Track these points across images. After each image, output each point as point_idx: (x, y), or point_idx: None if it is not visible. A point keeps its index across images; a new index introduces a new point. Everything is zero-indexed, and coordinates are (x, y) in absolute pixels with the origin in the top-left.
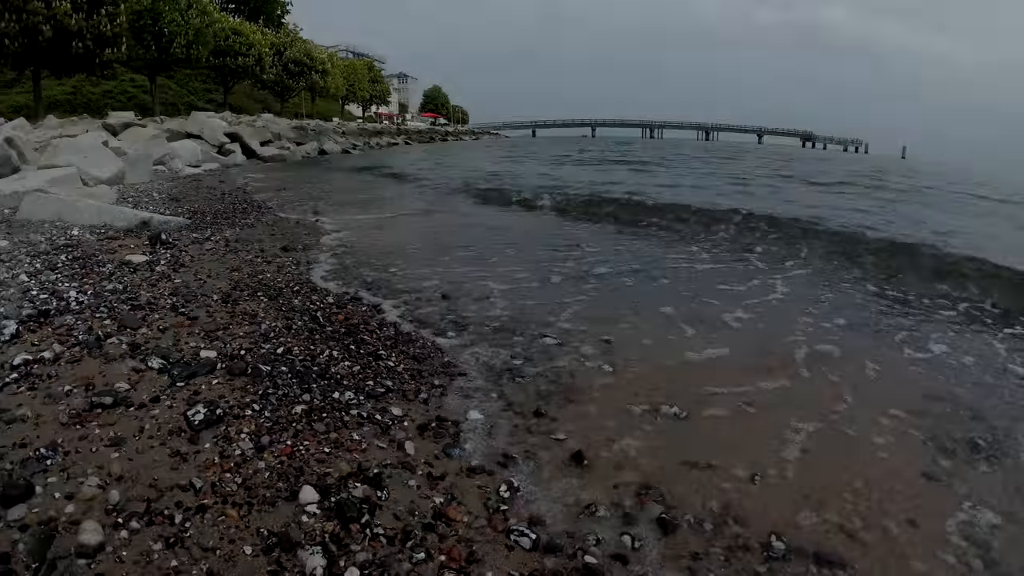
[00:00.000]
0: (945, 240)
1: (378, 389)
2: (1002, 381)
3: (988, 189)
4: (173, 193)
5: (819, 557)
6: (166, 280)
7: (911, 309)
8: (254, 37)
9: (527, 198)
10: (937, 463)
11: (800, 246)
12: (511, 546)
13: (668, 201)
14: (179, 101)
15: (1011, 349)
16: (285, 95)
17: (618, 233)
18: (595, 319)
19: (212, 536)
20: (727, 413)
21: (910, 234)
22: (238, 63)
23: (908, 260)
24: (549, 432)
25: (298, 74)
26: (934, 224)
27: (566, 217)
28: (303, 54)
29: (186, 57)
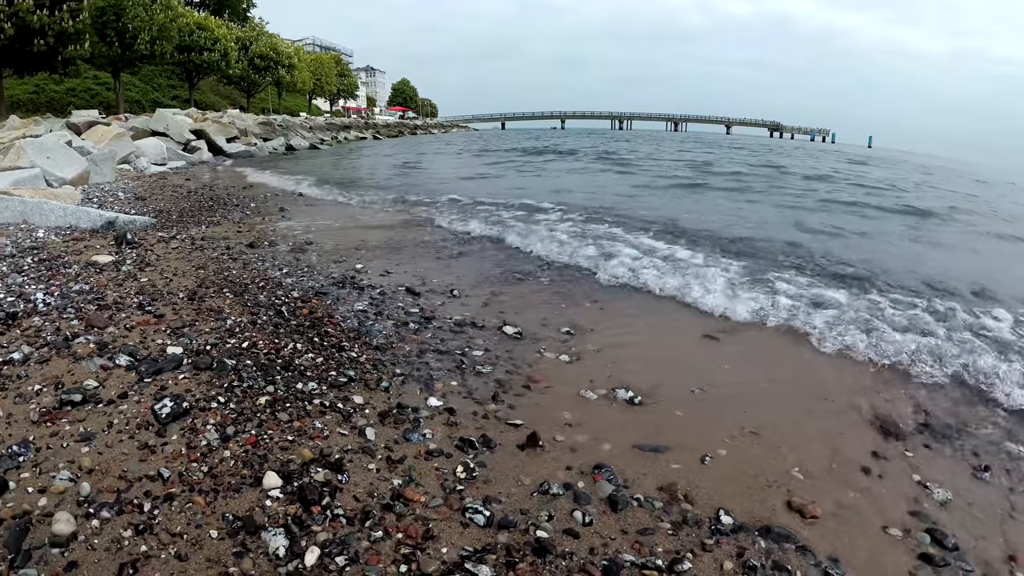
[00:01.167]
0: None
1: (340, 379)
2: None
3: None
4: (139, 192)
5: (767, 530)
6: (132, 279)
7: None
8: (219, 32)
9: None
10: (884, 441)
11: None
12: (466, 523)
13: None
14: (144, 98)
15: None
16: (252, 90)
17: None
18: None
19: (179, 522)
20: (682, 397)
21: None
22: (203, 58)
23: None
24: (506, 418)
25: (264, 69)
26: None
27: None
28: (269, 48)
29: (150, 53)
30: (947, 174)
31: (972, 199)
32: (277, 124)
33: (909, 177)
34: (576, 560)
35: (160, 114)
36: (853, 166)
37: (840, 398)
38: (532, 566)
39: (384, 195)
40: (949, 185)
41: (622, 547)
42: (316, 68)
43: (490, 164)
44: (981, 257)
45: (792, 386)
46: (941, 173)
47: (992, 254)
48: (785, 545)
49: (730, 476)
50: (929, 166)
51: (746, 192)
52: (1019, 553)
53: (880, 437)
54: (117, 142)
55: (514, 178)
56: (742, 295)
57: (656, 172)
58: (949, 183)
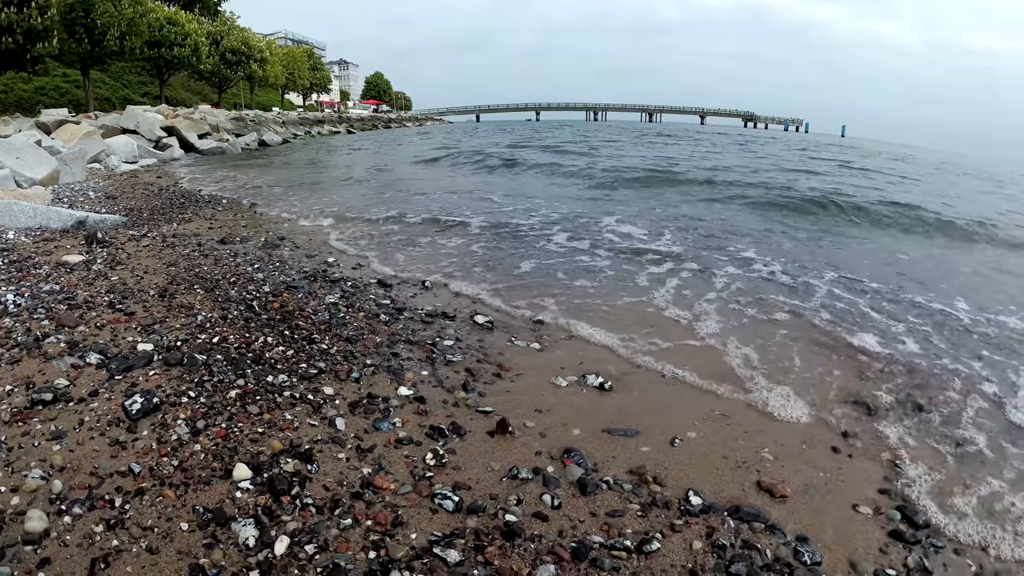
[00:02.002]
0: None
1: (311, 371)
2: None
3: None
4: (109, 191)
5: (736, 510)
6: (103, 278)
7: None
8: (190, 27)
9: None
10: (853, 422)
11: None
12: (435, 509)
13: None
14: (114, 95)
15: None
16: (223, 86)
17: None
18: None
19: (150, 516)
20: (652, 382)
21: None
22: (174, 54)
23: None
24: (476, 405)
25: (236, 64)
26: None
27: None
28: (241, 43)
29: (120, 49)
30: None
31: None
32: (249, 119)
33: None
34: (545, 543)
35: (130, 111)
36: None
37: (810, 379)
38: (501, 549)
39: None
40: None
41: (591, 529)
42: (288, 62)
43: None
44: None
45: (762, 364)
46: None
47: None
48: (754, 524)
49: (700, 458)
50: (903, 155)
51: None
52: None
53: (851, 417)
54: (87, 141)
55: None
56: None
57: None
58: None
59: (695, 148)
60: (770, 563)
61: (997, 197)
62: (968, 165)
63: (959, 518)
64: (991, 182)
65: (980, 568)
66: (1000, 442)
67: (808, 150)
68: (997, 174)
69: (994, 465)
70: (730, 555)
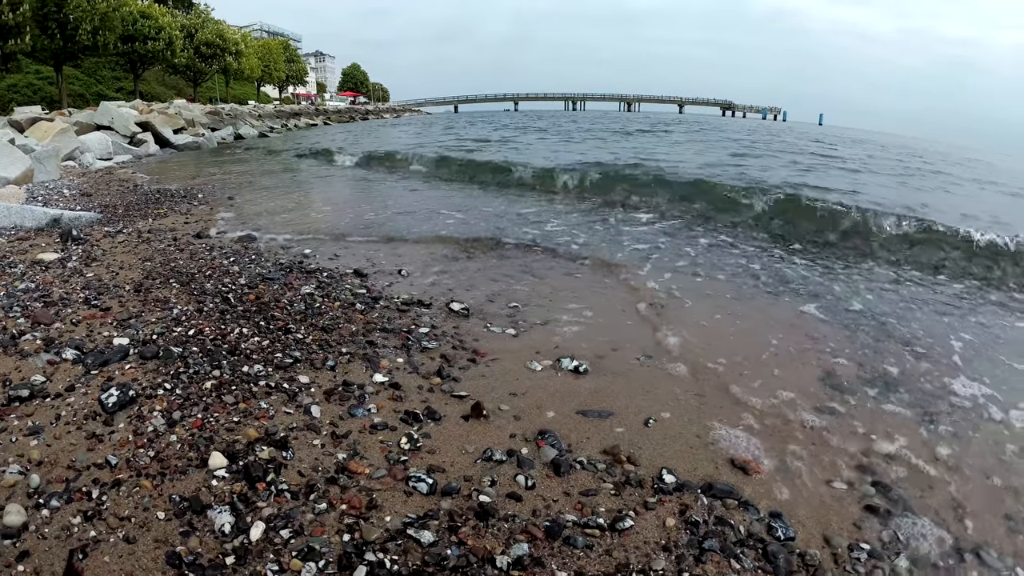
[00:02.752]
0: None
1: (286, 360)
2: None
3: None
4: (84, 188)
5: (710, 487)
6: (78, 275)
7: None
8: (164, 20)
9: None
10: (832, 398)
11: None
12: (409, 492)
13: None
14: (87, 92)
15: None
16: (198, 79)
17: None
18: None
19: (127, 506)
20: (627, 366)
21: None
22: (148, 48)
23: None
24: (451, 390)
25: (211, 57)
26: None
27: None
28: (215, 35)
29: (93, 44)
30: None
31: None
32: (225, 113)
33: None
34: (518, 522)
35: (104, 107)
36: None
37: (787, 357)
38: (474, 529)
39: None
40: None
41: (564, 508)
42: (264, 54)
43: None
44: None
45: (739, 348)
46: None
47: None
48: (728, 501)
49: (674, 437)
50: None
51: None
52: (966, 502)
53: (825, 393)
54: (61, 138)
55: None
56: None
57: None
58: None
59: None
60: (743, 539)
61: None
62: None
63: (934, 492)
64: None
65: (957, 542)
66: (971, 416)
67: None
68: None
69: (966, 439)
70: (703, 531)
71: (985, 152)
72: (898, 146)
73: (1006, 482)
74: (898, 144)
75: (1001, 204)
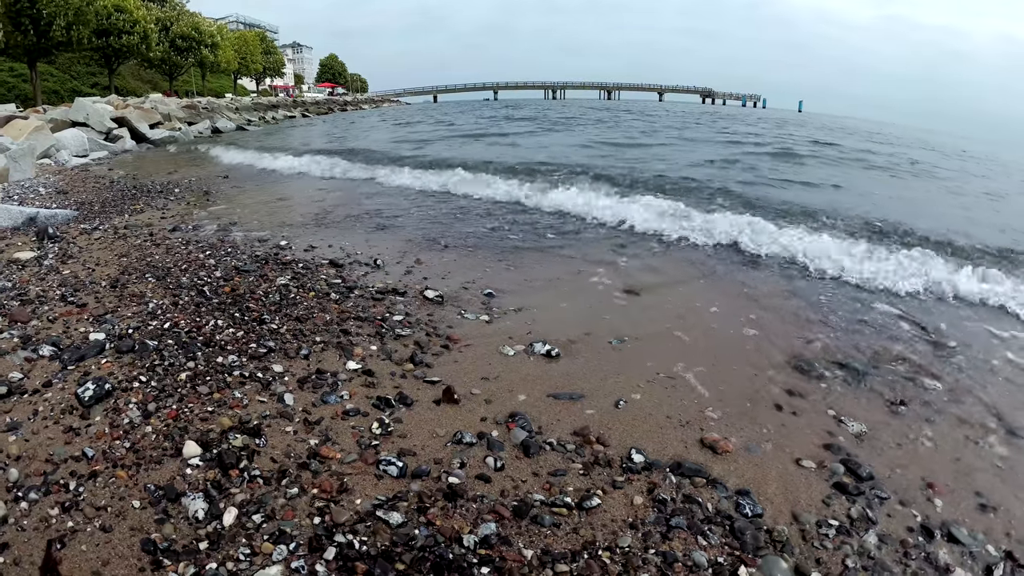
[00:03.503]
0: None
1: (260, 350)
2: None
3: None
4: (60, 186)
5: (678, 466)
6: (55, 273)
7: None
8: (138, 13)
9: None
10: (800, 380)
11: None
12: (380, 475)
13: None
14: (62, 88)
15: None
16: (174, 73)
17: None
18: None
19: (104, 496)
20: (600, 349)
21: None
22: (122, 42)
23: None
24: (424, 376)
25: (186, 50)
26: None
27: None
28: (191, 28)
29: (67, 40)
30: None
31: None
32: (202, 107)
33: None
34: (487, 502)
35: (79, 103)
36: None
37: (759, 340)
38: (443, 510)
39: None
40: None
41: (533, 488)
42: (240, 46)
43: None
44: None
45: (710, 331)
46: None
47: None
48: (696, 479)
49: (644, 418)
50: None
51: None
52: (936, 480)
53: (796, 376)
54: (36, 136)
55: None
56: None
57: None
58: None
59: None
60: (711, 516)
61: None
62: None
63: (902, 470)
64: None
65: (927, 518)
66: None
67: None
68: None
69: (934, 421)
70: (671, 509)
71: (953, 135)
72: (844, 128)
73: (976, 459)
74: (863, 128)
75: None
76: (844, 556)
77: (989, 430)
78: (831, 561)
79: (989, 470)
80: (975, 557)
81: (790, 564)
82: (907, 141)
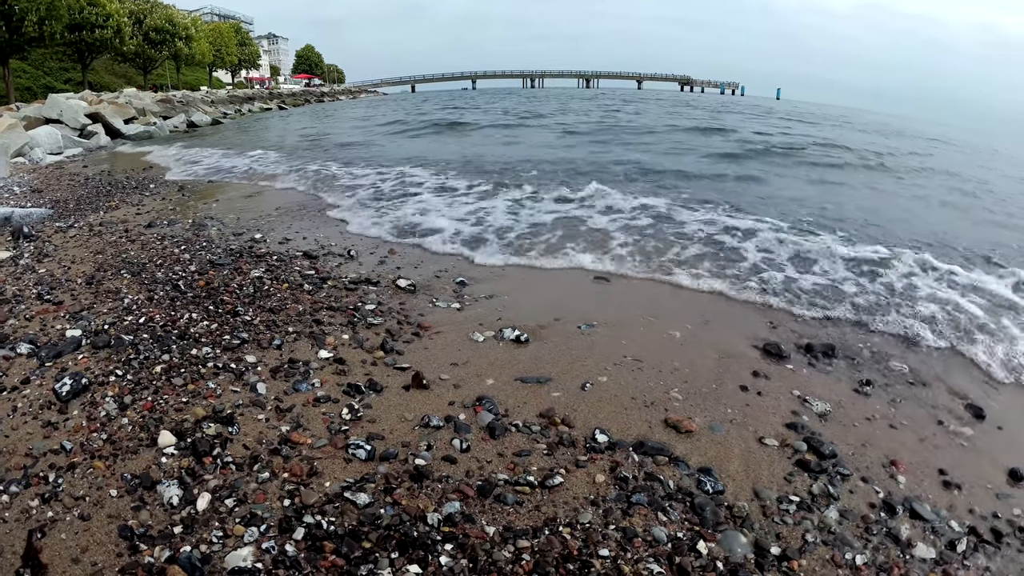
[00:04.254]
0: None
1: (234, 342)
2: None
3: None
4: (35, 185)
5: (641, 445)
6: (30, 272)
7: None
8: (111, 7)
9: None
10: (766, 362)
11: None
12: (349, 459)
13: None
14: (35, 84)
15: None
16: (148, 67)
17: None
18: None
19: (82, 487)
20: (568, 335)
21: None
22: (95, 36)
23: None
24: (394, 363)
25: (160, 43)
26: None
27: None
28: (165, 20)
29: (40, 35)
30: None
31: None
32: (177, 100)
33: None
34: (452, 482)
35: (53, 100)
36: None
37: (726, 324)
38: (409, 490)
39: None
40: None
41: (498, 468)
42: (215, 38)
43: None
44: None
45: (677, 314)
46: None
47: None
48: (658, 458)
49: (609, 400)
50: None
51: None
52: (899, 459)
53: (761, 357)
54: (10, 134)
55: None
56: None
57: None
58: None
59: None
60: (672, 492)
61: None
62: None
63: (865, 449)
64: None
65: (889, 495)
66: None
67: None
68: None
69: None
70: (632, 486)
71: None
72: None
73: (940, 438)
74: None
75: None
76: (804, 531)
77: (954, 411)
78: (791, 536)
79: (955, 448)
80: (938, 532)
81: (750, 539)
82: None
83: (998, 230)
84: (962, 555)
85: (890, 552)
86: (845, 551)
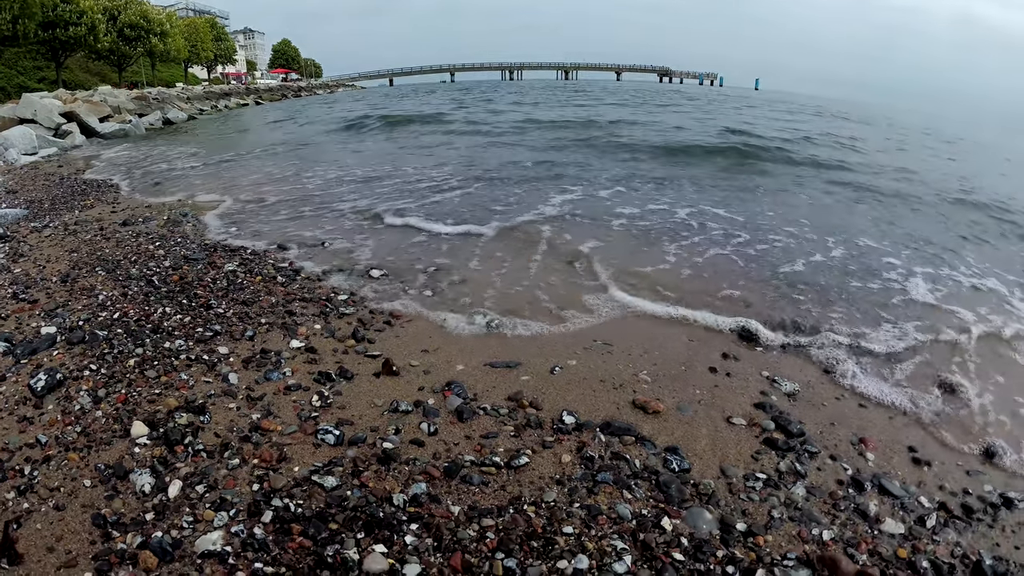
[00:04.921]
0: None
1: (207, 334)
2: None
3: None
4: (9, 186)
5: (608, 425)
6: (5, 272)
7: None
8: (85, 3)
9: None
10: (736, 344)
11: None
12: (318, 444)
13: None
14: (8, 84)
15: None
16: (123, 64)
17: None
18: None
19: (57, 478)
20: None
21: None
22: (69, 34)
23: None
24: (365, 351)
25: (135, 39)
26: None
27: None
28: (139, 16)
29: (13, 34)
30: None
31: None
32: (152, 97)
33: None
34: (419, 465)
35: (27, 100)
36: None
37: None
38: (376, 473)
39: None
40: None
41: (465, 450)
42: (191, 34)
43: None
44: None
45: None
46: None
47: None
48: (625, 438)
49: (578, 383)
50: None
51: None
52: (868, 436)
53: (731, 339)
54: None
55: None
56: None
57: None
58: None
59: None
60: (638, 471)
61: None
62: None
63: (833, 427)
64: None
65: (857, 472)
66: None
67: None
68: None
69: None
70: (598, 465)
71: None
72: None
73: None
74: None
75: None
76: (771, 508)
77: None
78: (757, 512)
79: (923, 425)
80: (907, 508)
81: (715, 515)
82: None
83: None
84: (932, 530)
85: (858, 527)
86: (812, 527)
